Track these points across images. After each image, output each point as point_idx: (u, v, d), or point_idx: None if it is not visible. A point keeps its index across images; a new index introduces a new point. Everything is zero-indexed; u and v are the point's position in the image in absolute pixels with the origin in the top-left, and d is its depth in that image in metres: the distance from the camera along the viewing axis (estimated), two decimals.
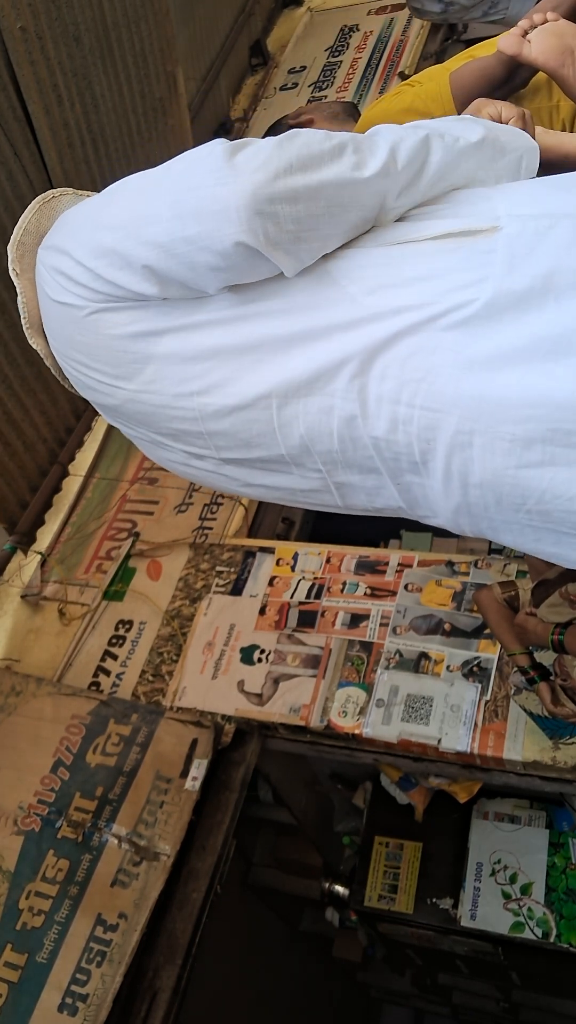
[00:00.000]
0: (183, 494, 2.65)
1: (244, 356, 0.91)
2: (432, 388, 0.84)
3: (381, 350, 0.86)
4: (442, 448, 0.86)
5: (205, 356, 0.92)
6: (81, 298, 0.93)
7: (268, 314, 0.90)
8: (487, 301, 0.81)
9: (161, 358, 0.93)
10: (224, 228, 0.82)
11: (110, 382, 0.97)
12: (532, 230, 0.83)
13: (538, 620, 1.47)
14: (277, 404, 0.91)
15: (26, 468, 2.66)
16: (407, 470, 0.90)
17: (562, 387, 0.79)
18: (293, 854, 3.33)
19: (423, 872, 2.73)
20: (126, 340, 0.93)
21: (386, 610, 2.15)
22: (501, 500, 0.86)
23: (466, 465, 0.86)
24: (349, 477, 0.94)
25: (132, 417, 1.01)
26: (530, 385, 0.80)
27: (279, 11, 4.45)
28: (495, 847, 2.63)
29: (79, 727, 2.08)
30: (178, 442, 1.01)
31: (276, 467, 0.98)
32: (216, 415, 0.94)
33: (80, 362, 0.99)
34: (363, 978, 4.37)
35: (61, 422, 2.79)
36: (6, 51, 2.13)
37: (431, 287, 0.85)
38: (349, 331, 0.87)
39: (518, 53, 1.23)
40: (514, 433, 0.81)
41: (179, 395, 0.94)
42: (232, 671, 2.17)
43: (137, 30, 2.68)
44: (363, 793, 2.93)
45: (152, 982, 1.79)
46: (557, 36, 1.21)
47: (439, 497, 0.91)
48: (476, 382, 0.82)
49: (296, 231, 0.84)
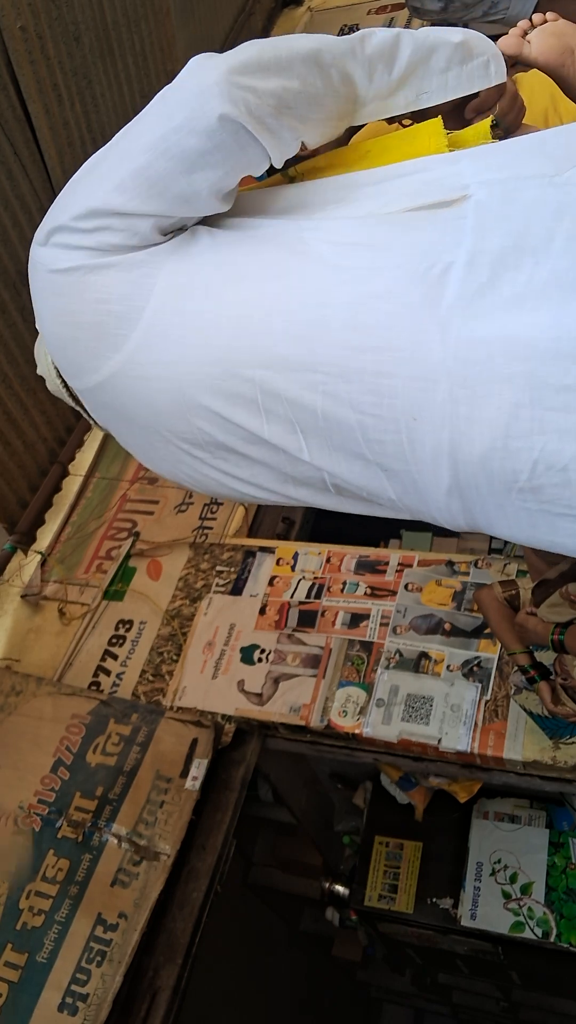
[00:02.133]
0: (183, 494, 2.65)
1: (227, 319, 0.91)
2: (416, 355, 0.83)
3: (359, 314, 0.85)
4: (428, 425, 0.84)
5: (191, 314, 0.91)
6: (71, 254, 0.92)
7: (246, 278, 0.91)
8: (465, 263, 0.81)
9: (148, 320, 0.92)
10: (207, 104, 0.86)
11: (96, 352, 0.95)
12: (500, 193, 0.85)
13: (538, 620, 1.47)
14: (260, 375, 0.90)
15: (26, 468, 2.67)
16: (394, 456, 0.88)
17: (544, 335, 0.78)
18: (293, 854, 3.33)
19: (423, 872, 2.73)
20: (114, 302, 0.92)
21: (386, 610, 2.15)
22: (492, 478, 0.84)
23: (455, 441, 0.84)
24: (338, 465, 0.92)
25: (116, 401, 0.99)
26: (513, 337, 0.79)
27: (279, 11, 4.44)
28: (495, 847, 2.63)
29: (79, 727, 2.08)
30: (163, 436, 0.99)
31: (263, 454, 0.96)
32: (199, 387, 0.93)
33: (69, 337, 0.97)
34: (363, 978, 4.38)
35: (61, 422, 2.79)
36: (6, 51, 2.13)
37: (407, 251, 0.85)
38: (327, 293, 0.87)
39: (518, 53, 1.23)
40: (501, 396, 0.80)
41: (163, 362, 0.93)
42: (232, 671, 2.17)
43: (137, 30, 2.68)
44: (363, 793, 2.93)
45: (152, 982, 1.79)
46: (557, 36, 1.21)
47: (430, 482, 0.88)
48: (460, 342, 0.81)
49: (275, 105, 0.88)
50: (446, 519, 0.94)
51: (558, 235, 0.80)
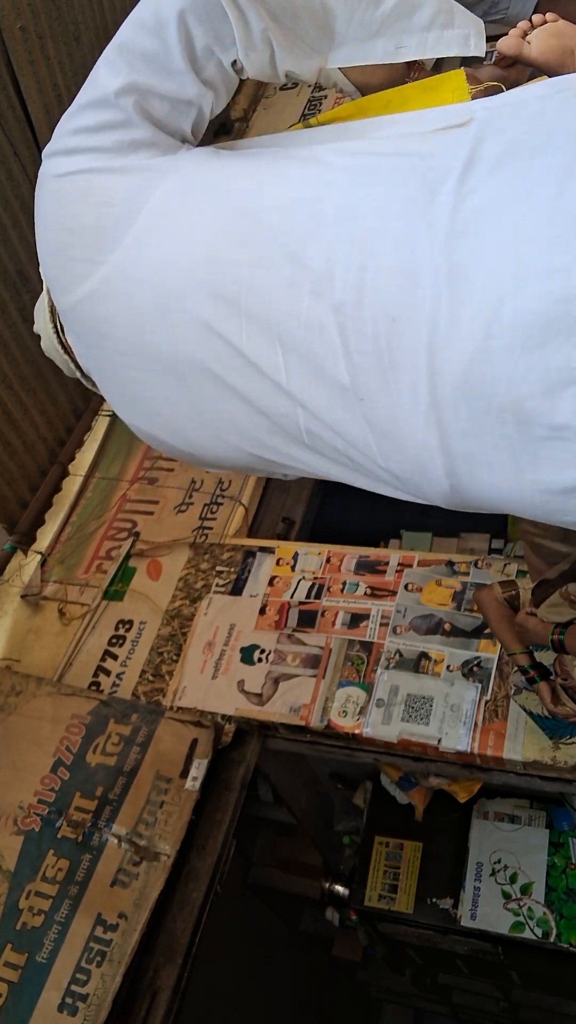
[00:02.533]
0: (183, 494, 2.66)
1: (221, 217, 0.91)
2: (402, 247, 0.82)
3: (351, 208, 0.85)
4: (407, 325, 0.82)
5: (188, 212, 0.91)
6: (75, 158, 0.93)
7: (245, 177, 0.91)
8: (462, 166, 0.81)
9: (145, 217, 0.92)
10: None
11: (91, 256, 0.94)
12: (504, 113, 0.86)
13: (538, 620, 1.47)
14: (248, 273, 0.88)
15: (26, 468, 2.67)
16: (372, 369, 0.85)
17: (536, 220, 0.76)
18: (293, 854, 3.33)
19: (423, 872, 2.73)
20: (113, 203, 0.93)
21: (386, 610, 2.15)
22: (470, 392, 0.80)
23: (434, 344, 0.81)
24: (313, 390, 0.89)
25: (101, 313, 0.97)
26: (504, 227, 0.77)
27: None
28: (495, 847, 2.63)
29: (79, 727, 2.08)
30: (143, 357, 0.98)
31: (240, 379, 0.94)
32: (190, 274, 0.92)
33: (64, 243, 0.96)
34: (363, 978, 4.38)
35: (61, 422, 2.80)
36: (6, 51, 2.14)
37: (408, 158, 0.86)
38: (325, 190, 0.87)
39: (518, 54, 1.23)
40: (485, 289, 0.77)
41: (153, 262, 0.92)
42: (232, 671, 2.17)
43: None
44: (363, 793, 2.93)
45: (152, 982, 1.79)
46: (557, 36, 1.21)
47: (407, 404, 0.85)
48: (449, 234, 0.80)
49: None
50: (424, 470, 0.90)
51: (556, 135, 0.79)
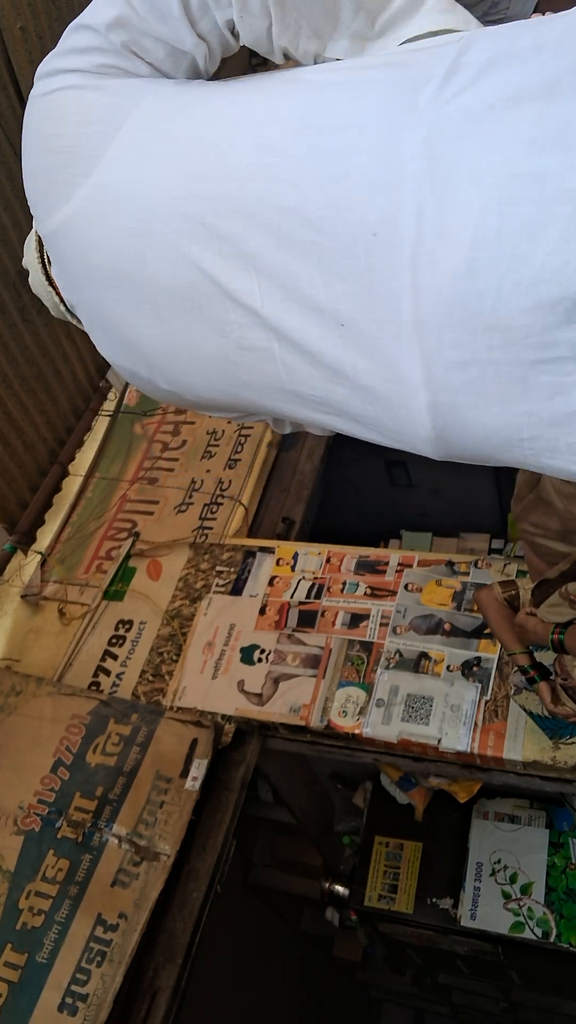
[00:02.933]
0: (183, 494, 2.66)
1: (198, 136, 0.89)
2: (383, 154, 0.78)
3: (329, 117, 0.83)
4: (389, 239, 0.78)
5: (167, 130, 0.90)
6: (61, 76, 0.93)
7: (226, 98, 0.91)
8: (446, 71, 0.79)
9: (124, 134, 0.91)
10: None
11: (70, 175, 0.93)
12: (493, 30, 0.84)
13: (538, 620, 1.47)
14: (223, 190, 0.87)
15: (26, 468, 2.67)
16: (352, 292, 0.82)
17: (527, 124, 0.72)
18: (293, 854, 3.33)
19: (423, 872, 2.73)
20: (94, 122, 0.92)
21: (386, 610, 2.15)
22: (454, 311, 0.76)
23: (416, 259, 0.76)
24: (290, 318, 0.86)
25: (81, 238, 0.96)
26: (491, 130, 0.74)
27: None
28: (495, 847, 2.63)
29: (79, 727, 2.08)
30: (121, 286, 0.96)
31: (216, 310, 0.91)
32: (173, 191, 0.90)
33: (45, 164, 0.95)
34: (363, 978, 4.38)
35: (61, 422, 2.79)
36: (6, 51, 2.14)
37: (391, 69, 0.85)
38: (305, 107, 0.86)
39: None
40: (471, 194, 0.74)
41: (130, 182, 0.91)
42: (232, 671, 2.17)
43: None
44: (363, 793, 2.93)
45: (152, 982, 1.79)
46: None
47: (389, 332, 0.81)
48: (433, 138, 0.76)
49: None
50: (407, 408, 0.85)
51: (547, 44, 0.75)
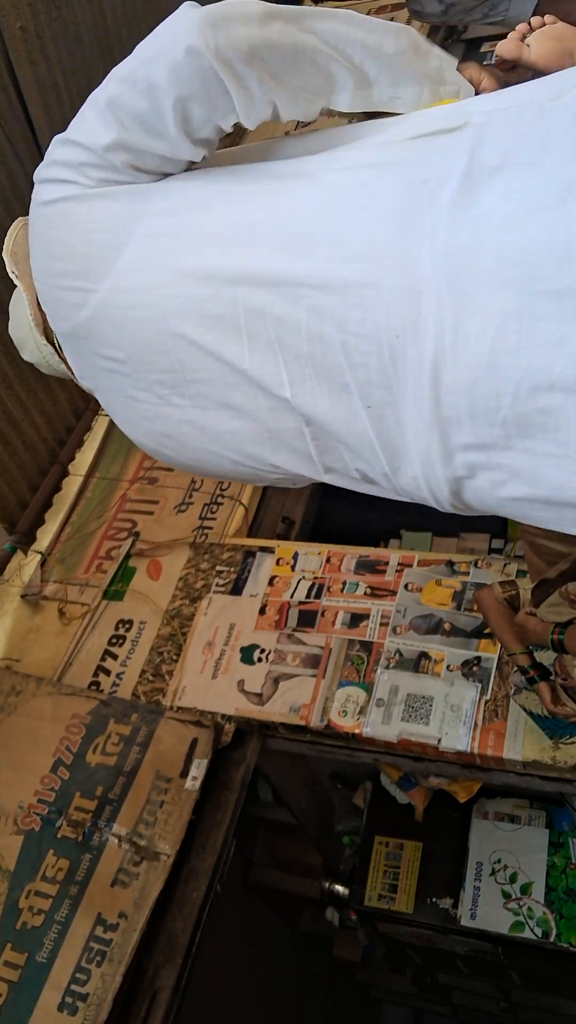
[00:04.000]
0: (183, 494, 2.66)
1: (215, 237, 0.90)
2: (402, 263, 0.80)
3: (347, 223, 0.84)
4: (411, 341, 0.81)
5: (179, 234, 0.91)
6: (63, 185, 0.94)
7: (238, 197, 0.91)
8: (459, 175, 0.80)
9: (136, 243, 0.92)
10: (177, 38, 0.86)
11: (84, 285, 0.95)
12: (499, 118, 0.85)
13: (538, 619, 1.47)
14: (244, 292, 0.88)
15: (26, 468, 2.67)
16: (377, 383, 0.85)
17: (538, 238, 0.75)
18: (293, 854, 3.33)
19: (423, 872, 2.73)
20: (102, 230, 0.93)
21: (386, 610, 2.15)
22: (475, 406, 0.80)
23: (438, 359, 0.80)
24: (320, 402, 0.89)
25: (100, 338, 0.98)
26: (505, 242, 0.77)
27: None
28: (495, 847, 2.63)
29: (79, 727, 2.08)
30: (146, 380, 0.98)
31: (243, 398, 0.94)
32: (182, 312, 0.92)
33: (57, 272, 0.97)
34: (363, 978, 4.38)
35: (61, 422, 2.80)
36: (6, 51, 2.14)
37: (403, 168, 0.85)
38: (318, 206, 0.86)
39: (517, 57, 1.23)
40: (490, 304, 0.77)
41: (147, 286, 0.92)
42: (232, 671, 2.17)
43: (137, 30, 2.68)
44: (363, 793, 2.93)
45: (152, 981, 1.79)
46: (556, 39, 1.20)
47: (411, 416, 0.85)
48: (449, 248, 0.79)
49: (247, 52, 0.87)
50: (428, 479, 0.89)
51: (553, 147, 0.78)
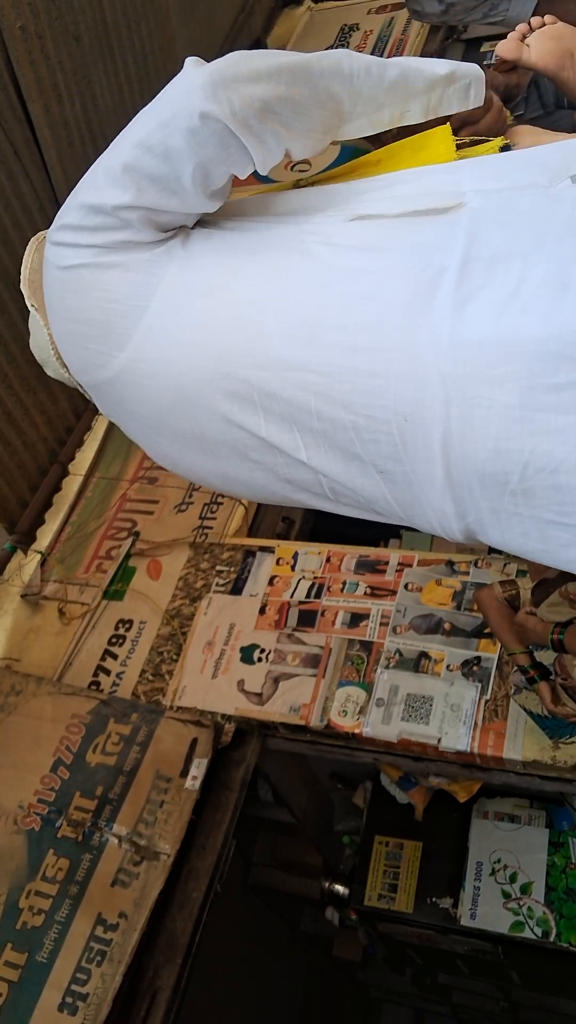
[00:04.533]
0: (183, 493, 2.66)
1: (225, 319, 0.93)
2: (406, 355, 0.84)
3: (352, 314, 0.86)
4: (420, 426, 0.85)
5: (191, 313, 0.93)
6: (77, 251, 0.95)
7: (244, 278, 0.93)
8: (457, 266, 0.82)
9: (150, 318, 0.94)
10: (191, 103, 0.88)
11: (104, 350, 0.98)
12: (495, 203, 0.87)
13: (538, 619, 1.47)
14: (256, 375, 0.91)
15: (26, 468, 2.67)
16: (389, 456, 0.89)
17: (534, 335, 0.78)
18: (293, 854, 3.33)
19: (423, 871, 2.73)
20: (118, 301, 0.94)
21: (386, 609, 2.15)
22: (484, 479, 0.85)
23: (447, 442, 0.84)
24: (334, 465, 0.93)
25: (122, 397, 1.01)
26: (503, 337, 0.80)
27: (279, 10, 4.44)
28: (495, 846, 2.63)
29: (79, 726, 2.08)
30: (167, 433, 1.01)
31: (262, 455, 0.97)
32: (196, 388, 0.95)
33: (76, 333, 0.99)
34: (363, 978, 4.38)
35: (61, 421, 2.80)
36: (6, 51, 2.14)
37: (402, 254, 0.87)
38: (322, 294, 0.88)
39: (517, 57, 1.23)
40: (492, 397, 0.80)
41: (164, 359, 0.95)
42: (232, 670, 2.17)
43: (137, 30, 2.68)
44: (363, 792, 2.93)
45: (152, 981, 1.79)
46: (556, 39, 1.20)
47: (424, 484, 0.89)
48: (451, 343, 0.82)
49: (260, 108, 0.89)
50: (442, 525, 0.94)
51: (548, 240, 0.81)
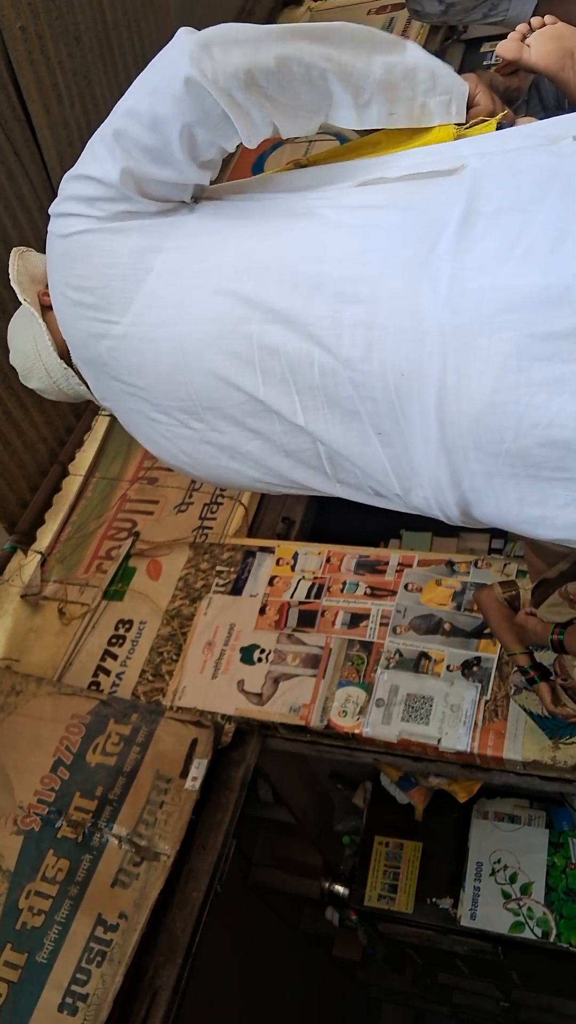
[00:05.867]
0: (183, 494, 2.66)
1: (227, 276, 0.93)
2: (405, 306, 0.84)
3: (353, 266, 0.87)
4: (416, 380, 0.85)
5: (193, 274, 0.94)
6: (78, 220, 0.96)
7: (248, 236, 0.93)
8: (458, 220, 0.83)
9: (152, 280, 0.94)
10: (177, 69, 0.89)
11: (105, 317, 0.98)
12: (497, 162, 0.88)
13: (538, 619, 1.47)
14: (258, 329, 0.91)
15: (26, 468, 2.67)
16: (385, 416, 0.89)
17: (533, 283, 0.79)
18: (293, 854, 3.33)
19: (423, 872, 2.73)
20: (119, 266, 0.95)
21: (386, 610, 2.15)
22: (479, 439, 0.84)
23: (442, 397, 0.84)
24: (332, 428, 0.93)
25: (120, 366, 1.01)
26: (502, 287, 0.80)
27: (279, 10, 4.44)
28: (495, 847, 2.63)
29: (79, 727, 2.08)
30: (164, 405, 1.01)
31: (259, 423, 0.97)
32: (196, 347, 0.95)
33: (77, 302, 0.99)
34: (363, 978, 4.37)
35: (61, 422, 2.80)
36: (6, 51, 2.14)
37: (404, 210, 0.88)
38: (326, 248, 0.89)
39: (518, 57, 1.23)
40: (489, 346, 0.81)
41: (165, 321, 0.95)
42: (232, 671, 2.17)
43: (137, 30, 2.68)
44: (363, 793, 2.93)
45: (152, 981, 1.79)
46: (556, 39, 1.21)
47: (419, 445, 0.89)
48: (450, 293, 0.82)
49: (245, 80, 0.89)
50: (437, 500, 0.93)
51: (550, 194, 0.81)
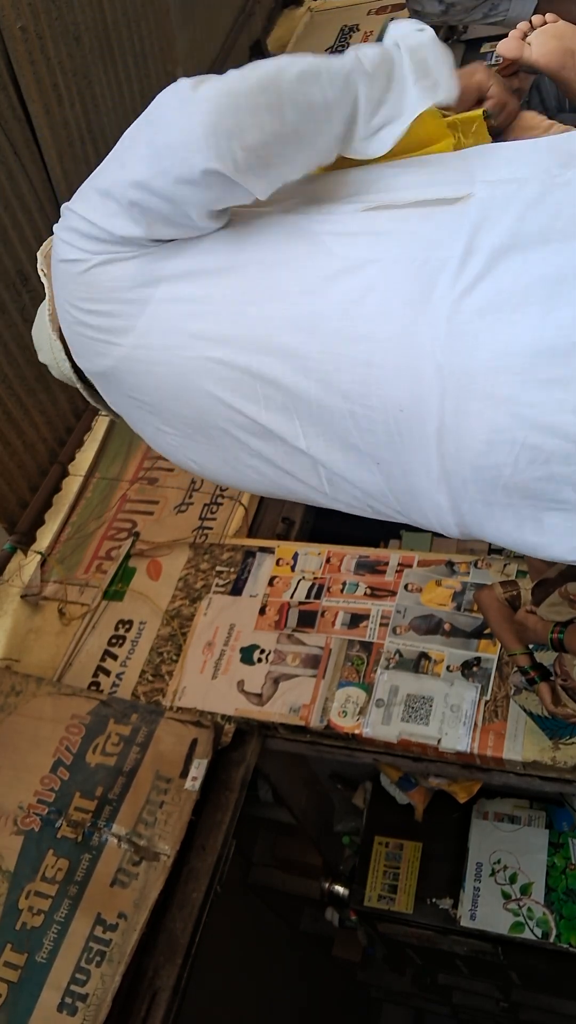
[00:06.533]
0: (183, 494, 2.66)
1: (229, 305, 0.93)
2: (403, 345, 0.84)
3: (353, 304, 0.87)
4: (415, 417, 0.85)
5: (196, 300, 0.94)
6: (84, 252, 0.96)
7: (249, 265, 0.93)
8: (459, 258, 0.83)
9: (155, 306, 0.94)
10: (192, 157, 0.85)
11: (107, 338, 0.98)
12: (502, 194, 0.86)
13: (538, 618, 1.47)
14: (256, 361, 0.91)
15: (26, 468, 2.66)
16: (385, 447, 0.89)
17: (528, 332, 0.79)
18: (293, 854, 3.33)
19: (423, 872, 2.73)
20: (123, 290, 0.95)
21: (386, 610, 2.15)
22: (479, 472, 0.85)
23: (442, 435, 0.85)
24: (333, 453, 0.93)
25: (125, 383, 1.02)
26: (499, 332, 0.81)
27: (279, 11, 4.44)
28: (495, 847, 2.63)
29: (79, 727, 2.08)
30: (170, 420, 1.02)
31: (262, 444, 0.97)
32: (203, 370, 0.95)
33: (80, 321, 1.00)
34: (363, 978, 4.37)
35: (61, 422, 2.79)
36: (6, 51, 2.13)
37: (406, 243, 0.87)
38: (326, 282, 0.89)
39: (518, 56, 1.23)
40: (486, 390, 0.81)
41: (167, 347, 0.95)
42: (232, 671, 2.17)
43: (137, 30, 2.68)
44: (363, 793, 2.93)
45: (152, 982, 1.79)
46: (557, 38, 1.20)
47: (420, 472, 0.89)
48: (448, 335, 0.82)
49: (264, 155, 0.87)
50: (438, 519, 0.94)
51: (553, 235, 0.81)
